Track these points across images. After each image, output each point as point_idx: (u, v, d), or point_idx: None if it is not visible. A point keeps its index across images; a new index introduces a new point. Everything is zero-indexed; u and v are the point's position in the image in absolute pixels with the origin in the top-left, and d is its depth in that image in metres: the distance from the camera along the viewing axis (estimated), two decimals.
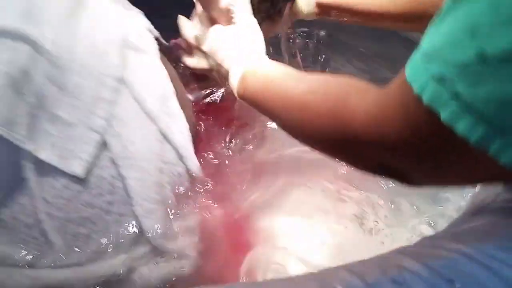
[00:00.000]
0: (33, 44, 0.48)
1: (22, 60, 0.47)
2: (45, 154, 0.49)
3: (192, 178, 0.60)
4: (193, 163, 0.59)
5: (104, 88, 0.52)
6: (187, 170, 0.59)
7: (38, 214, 0.50)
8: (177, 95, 0.60)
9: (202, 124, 0.70)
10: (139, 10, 0.63)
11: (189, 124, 0.60)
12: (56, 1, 0.52)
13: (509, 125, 0.27)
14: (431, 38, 0.31)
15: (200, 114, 0.71)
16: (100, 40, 0.53)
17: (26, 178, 0.49)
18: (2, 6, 0.48)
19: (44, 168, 0.50)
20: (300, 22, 0.74)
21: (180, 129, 0.58)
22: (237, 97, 0.57)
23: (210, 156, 0.65)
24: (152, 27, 0.63)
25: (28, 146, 0.48)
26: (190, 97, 0.71)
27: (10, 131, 0.47)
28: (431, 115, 0.30)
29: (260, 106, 0.52)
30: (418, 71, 0.31)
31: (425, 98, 0.30)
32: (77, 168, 0.50)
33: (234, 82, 0.57)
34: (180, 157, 0.58)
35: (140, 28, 0.60)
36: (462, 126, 0.28)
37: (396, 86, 0.34)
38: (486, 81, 0.27)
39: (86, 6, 0.55)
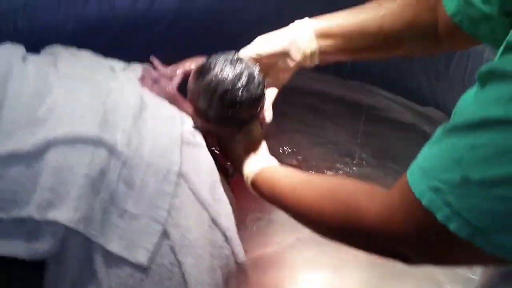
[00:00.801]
0: (109, 148, 0.54)
1: (100, 163, 0.53)
2: (113, 246, 0.54)
3: (236, 259, 0.65)
4: (238, 244, 0.64)
5: (167, 183, 0.58)
6: (232, 252, 0.64)
7: None
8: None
9: None
10: None
11: (232, 207, 0.66)
12: (125, 106, 0.59)
13: (487, 228, 0.36)
14: (426, 157, 0.40)
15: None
16: (163, 139, 0.59)
17: (96, 270, 0.54)
18: (82, 116, 0.54)
19: (111, 259, 0.55)
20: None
21: (226, 213, 0.64)
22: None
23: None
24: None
25: (100, 240, 0.53)
26: None
27: (87, 227, 0.52)
28: (429, 214, 0.38)
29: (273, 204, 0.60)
30: (416, 180, 0.39)
31: (424, 202, 0.38)
32: (141, 257, 0.55)
33: (247, 182, 0.65)
34: (227, 240, 0.63)
35: (188, 121, 0.67)
36: (453, 226, 0.37)
37: (400, 189, 0.42)
38: (470, 197, 0.36)
39: (146, 107, 0.61)
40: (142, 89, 0.67)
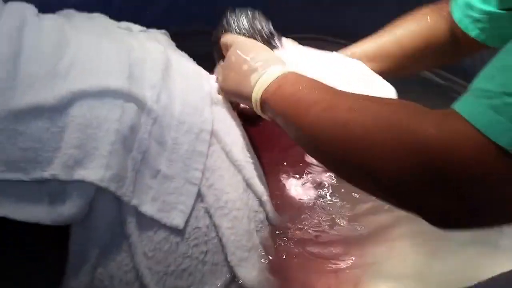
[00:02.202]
0: (139, 104, 0.50)
1: (130, 118, 0.49)
2: (147, 208, 0.50)
3: (270, 224, 0.61)
4: (271, 208, 0.61)
5: (199, 142, 0.54)
6: (267, 217, 0.60)
7: (139, 269, 0.50)
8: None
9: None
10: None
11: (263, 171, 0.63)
12: (151, 62, 0.54)
13: None
14: (488, 74, 0.35)
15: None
16: (193, 96, 0.55)
17: (128, 234, 0.50)
18: (108, 70, 0.50)
19: (145, 222, 0.51)
20: None
21: (259, 175, 0.60)
22: (257, 103, 0.52)
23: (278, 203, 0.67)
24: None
25: (133, 201, 0.49)
26: None
27: (119, 187, 0.48)
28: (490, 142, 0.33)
29: (289, 117, 0.47)
30: (473, 106, 0.35)
31: (485, 130, 0.33)
32: (176, 220, 0.51)
33: (264, 82, 0.51)
34: (261, 204, 0.59)
35: (214, 81, 0.63)
36: None
37: (454, 117, 0.36)
38: None
39: (172, 65, 0.57)
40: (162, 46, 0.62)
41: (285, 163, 0.69)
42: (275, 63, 0.53)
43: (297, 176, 0.68)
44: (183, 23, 1.03)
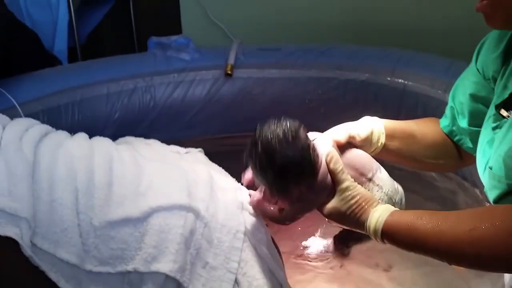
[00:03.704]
0: (195, 213, 0.70)
1: (190, 224, 0.69)
2: None
3: None
4: None
5: (236, 240, 0.73)
6: None
7: None
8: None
9: None
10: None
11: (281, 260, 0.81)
12: (201, 181, 0.76)
13: None
14: None
15: None
16: (231, 206, 0.76)
17: None
18: (173, 189, 0.71)
19: None
20: None
21: (279, 266, 0.79)
22: (377, 236, 0.63)
23: None
24: None
25: (190, 287, 0.67)
26: None
27: (182, 276, 0.66)
28: None
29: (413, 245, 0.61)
30: None
31: None
32: None
33: (379, 221, 0.63)
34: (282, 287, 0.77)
35: (244, 190, 0.83)
36: None
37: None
38: None
39: (214, 182, 0.78)
40: (206, 166, 0.84)
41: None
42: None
43: None
44: None
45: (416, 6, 1.77)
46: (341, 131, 0.73)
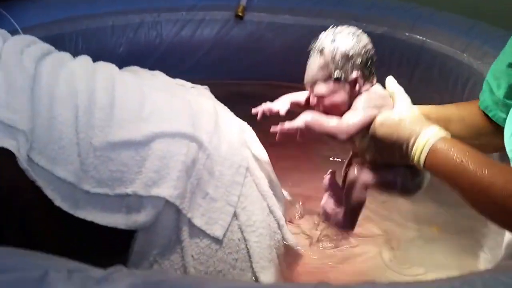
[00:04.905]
0: (199, 144, 0.68)
1: (193, 154, 0.67)
2: (197, 220, 0.67)
3: (285, 244, 0.78)
4: (288, 231, 0.77)
5: (238, 175, 0.72)
6: (283, 237, 0.77)
7: (187, 267, 0.67)
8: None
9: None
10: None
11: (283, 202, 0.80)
12: (205, 113, 0.73)
13: None
14: None
15: None
16: (235, 140, 0.74)
17: (182, 239, 0.67)
18: (177, 117, 0.69)
19: (194, 231, 0.68)
20: None
21: (280, 206, 0.78)
22: (420, 164, 0.64)
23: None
24: None
25: (189, 214, 0.66)
26: None
27: (181, 203, 0.65)
28: None
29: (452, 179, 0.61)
30: None
31: None
32: (217, 232, 0.68)
33: (423, 150, 0.63)
34: (279, 227, 0.76)
35: (247, 128, 0.81)
36: None
37: None
38: None
39: (219, 116, 0.76)
40: (211, 100, 0.81)
41: None
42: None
43: None
44: None
45: None
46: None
